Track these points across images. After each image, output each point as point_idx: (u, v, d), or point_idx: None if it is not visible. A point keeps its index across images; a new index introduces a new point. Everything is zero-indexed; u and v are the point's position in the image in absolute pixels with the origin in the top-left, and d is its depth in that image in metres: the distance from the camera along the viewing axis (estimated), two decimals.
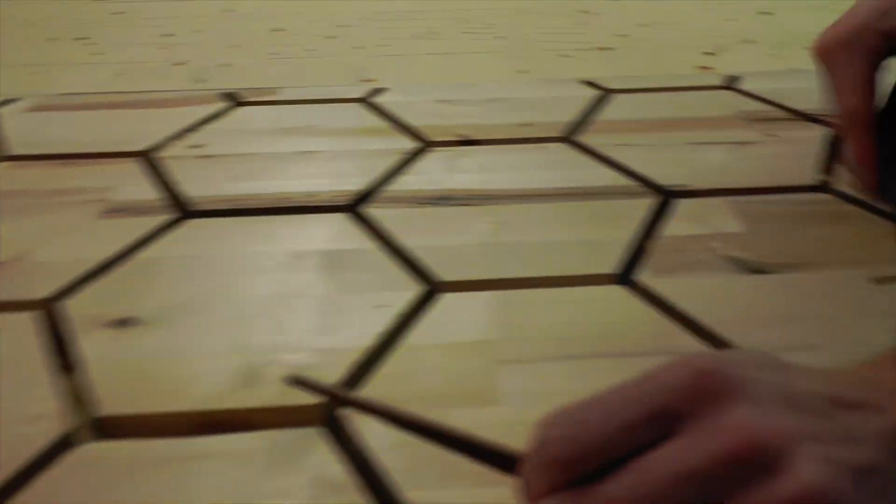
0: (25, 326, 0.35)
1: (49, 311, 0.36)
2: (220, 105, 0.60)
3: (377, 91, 0.62)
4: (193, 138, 0.54)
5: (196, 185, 0.47)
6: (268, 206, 0.45)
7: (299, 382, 0.26)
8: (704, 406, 0.21)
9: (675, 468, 0.20)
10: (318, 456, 0.29)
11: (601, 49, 0.80)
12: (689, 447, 0.20)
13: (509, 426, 0.24)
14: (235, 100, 0.61)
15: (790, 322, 0.35)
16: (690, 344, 0.34)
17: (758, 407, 0.20)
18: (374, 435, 0.29)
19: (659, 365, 0.22)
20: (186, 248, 0.41)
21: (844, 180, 0.45)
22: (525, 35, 0.85)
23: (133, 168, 0.50)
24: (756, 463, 0.20)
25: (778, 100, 0.58)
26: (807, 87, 0.59)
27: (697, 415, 0.21)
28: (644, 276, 0.38)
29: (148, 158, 0.51)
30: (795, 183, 0.46)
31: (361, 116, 0.57)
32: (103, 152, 0.52)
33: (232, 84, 0.70)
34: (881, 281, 0.37)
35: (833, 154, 0.47)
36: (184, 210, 0.45)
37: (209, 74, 0.73)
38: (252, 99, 0.61)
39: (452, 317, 0.36)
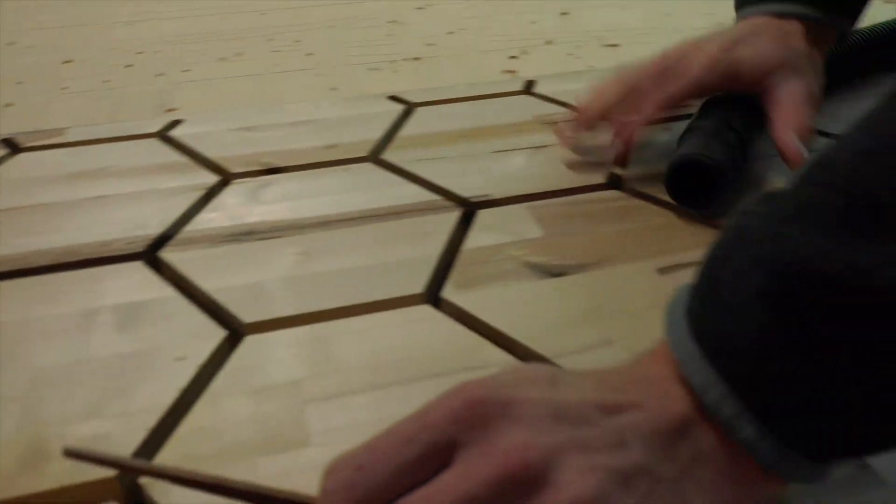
0: None
1: None
2: None
3: (175, 123, 0.59)
4: None
5: None
6: (54, 263, 0.42)
7: (77, 455, 0.25)
8: (475, 432, 0.21)
9: (453, 496, 0.20)
10: None
11: (412, 59, 0.81)
12: (465, 474, 0.20)
13: (319, 468, 0.23)
14: (15, 146, 0.56)
15: (588, 321, 0.37)
16: (497, 357, 0.35)
17: (525, 426, 0.21)
18: (182, 501, 0.28)
19: (432, 400, 0.22)
20: None
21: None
22: (334, 51, 0.84)
23: None
24: (527, 480, 0.20)
25: (571, 101, 0.61)
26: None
27: (470, 443, 0.21)
28: (448, 293, 0.39)
29: None
30: (589, 182, 0.49)
31: (159, 152, 0.55)
32: None
33: (20, 126, 0.64)
34: (663, 271, 0.40)
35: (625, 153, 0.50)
36: None
37: None
38: (35, 143, 0.56)
39: (259, 360, 0.35)
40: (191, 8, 1.00)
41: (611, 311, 0.38)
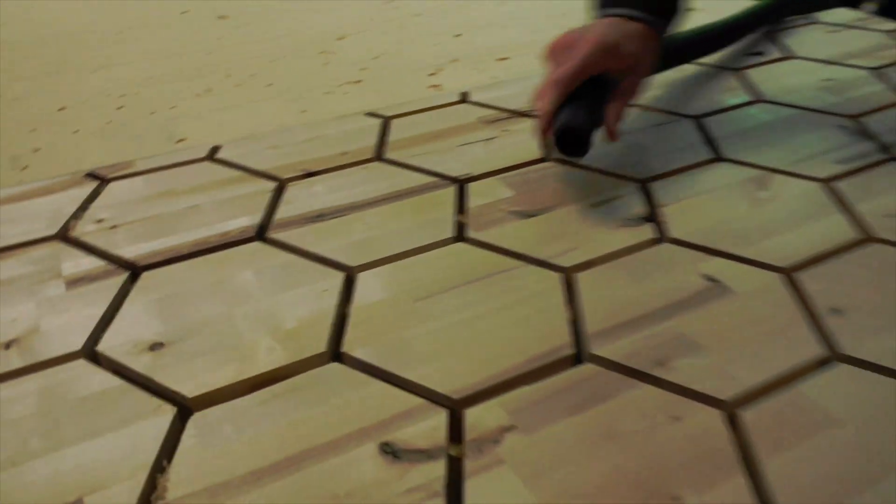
0: None
1: None
2: None
3: (216, 149, 0.78)
4: None
5: None
6: (193, 251, 0.61)
7: None
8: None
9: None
10: None
11: (354, 82, 1.02)
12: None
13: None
14: (102, 178, 0.73)
15: (555, 239, 0.61)
16: (509, 262, 0.58)
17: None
18: None
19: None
20: None
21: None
22: (288, 80, 1.04)
23: None
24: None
25: (500, 104, 0.85)
26: (515, 92, 0.88)
27: None
28: (470, 234, 0.62)
29: None
30: (529, 159, 0.73)
31: (215, 171, 0.74)
32: None
33: (59, 166, 0.80)
34: (595, 205, 0.65)
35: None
36: None
37: None
38: (116, 174, 0.73)
39: (365, 287, 0.56)
40: (145, 52, 1.16)
41: (568, 232, 0.62)
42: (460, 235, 0.63)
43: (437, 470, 0.42)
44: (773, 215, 0.64)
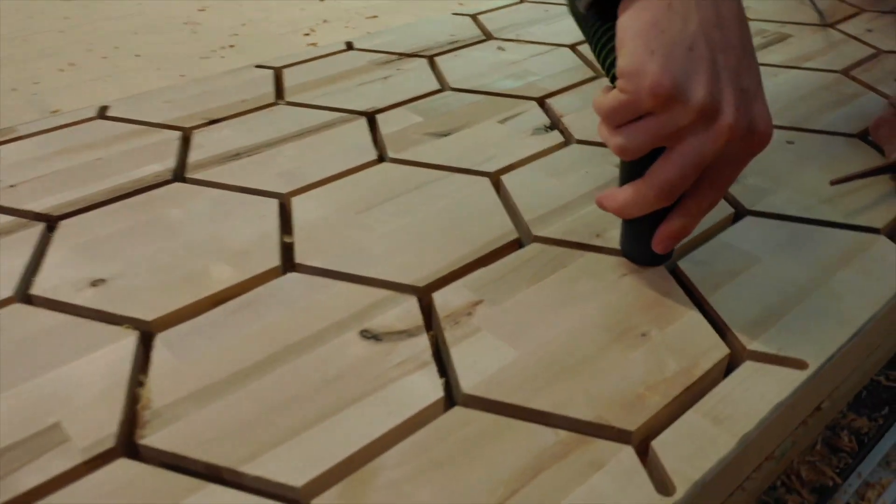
0: None
1: None
2: None
3: (105, 108, 0.74)
4: None
5: None
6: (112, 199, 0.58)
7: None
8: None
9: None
10: None
11: (228, 47, 1.00)
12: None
13: None
14: None
15: (467, 155, 0.64)
16: (437, 173, 0.61)
17: None
18: None
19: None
20: None
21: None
22: (159, 49, 1.00)
23: None
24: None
25: (386, 49, 0.87)
26: (396, 39, 0.90)
27: None
28: (390, 154, 0.64)
29: None
30: (431, 90, 0.76)
31: (114, 128, 0.70)
32: None
33: None
34: (502, 121, 0.69)
35: None
36: None
37: None
38: (6, 138, 0.68)
39: (298, 208, 0.57)
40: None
41: (484, 144, 0.65)
42: (383, 157, 0.64)
43: (421, 343, 0.43)
44: None
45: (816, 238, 0.53)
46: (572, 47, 0.88)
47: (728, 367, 0.43)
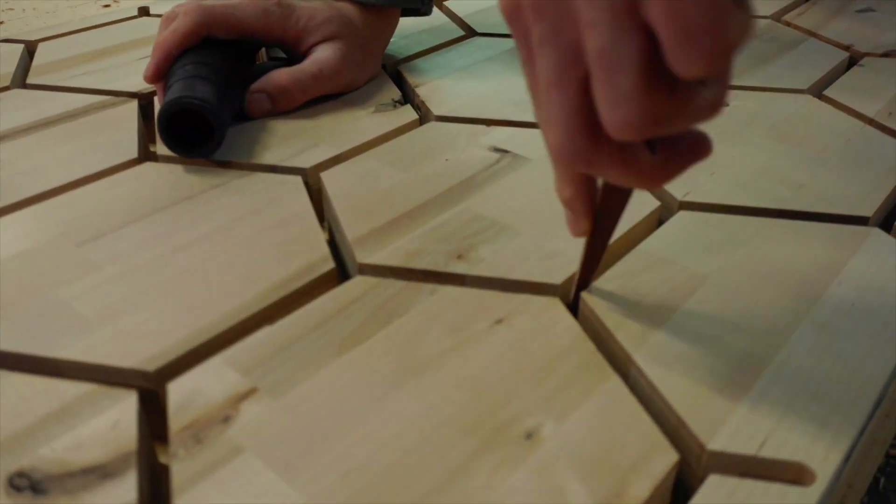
0: None
1: None
2: None
3: None
4: None
5: None
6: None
7: None
8: None
9: None
10: None
11: None
12: None
13: None
14: None
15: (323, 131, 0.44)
16: None
17: None
18: None
19: None
20: None
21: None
22: None
23: None
24: None
25: None
26: None
27: None
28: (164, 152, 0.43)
29: None
30: None
31: None
32: None
33: None
34: (334, 96, 0.49)
35: None
36: None
37: None
38: None
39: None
40: None
41: (302, 129, 0.45)
42: (147, 155, 0.43)
43: (123, 494, 0.23)
44: None
45: (778, 235, 0.35)
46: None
47: (678, 486, 0.25)
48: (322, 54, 0.48)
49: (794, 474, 0.24)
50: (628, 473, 0.24)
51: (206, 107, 0.39)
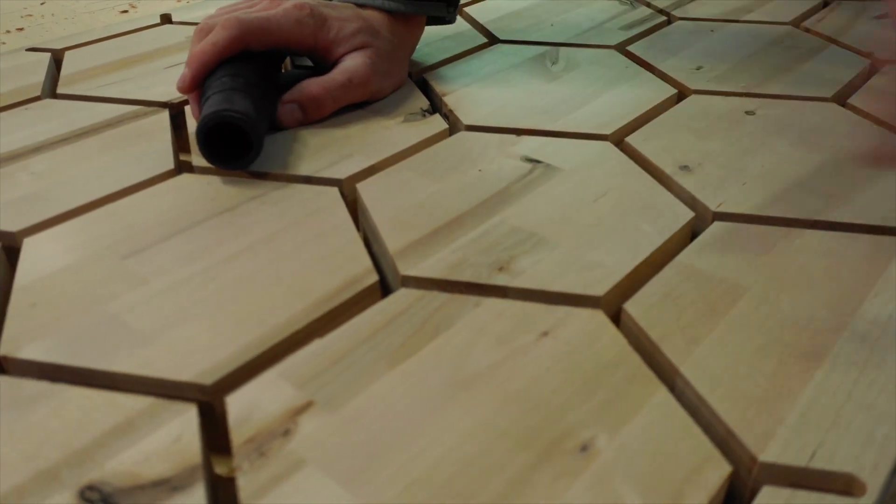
0: None
1: None
2: None
3: None
4: None
5: None
6: None
7: None
8: None
9: None
10: None
11: (15, 31, 0.77)
12: None
13: None
14: None
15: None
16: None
17: None
18: None
19: None
20: None
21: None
22: None
23: None
24: None
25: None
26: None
27: None
28: (200, 163, 0.43)
29: None
30: None
31: None
32: None
33: None
34: (363, 105, 0.50)
35: None
36: None
37: None
38: None
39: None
40: None
41: (334, 140, 0.46)
42: (182, 167, 0.44)
43: None
44: (575, 85, 0.53)
45: (813, 245, 0.36)
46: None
47: (727, 498, 0.26)
48: (351, 63, 0.48)
49: (843, 485, 0.25)
50: (683, 485, 0.24)
51: (245, 120, 0.40)
